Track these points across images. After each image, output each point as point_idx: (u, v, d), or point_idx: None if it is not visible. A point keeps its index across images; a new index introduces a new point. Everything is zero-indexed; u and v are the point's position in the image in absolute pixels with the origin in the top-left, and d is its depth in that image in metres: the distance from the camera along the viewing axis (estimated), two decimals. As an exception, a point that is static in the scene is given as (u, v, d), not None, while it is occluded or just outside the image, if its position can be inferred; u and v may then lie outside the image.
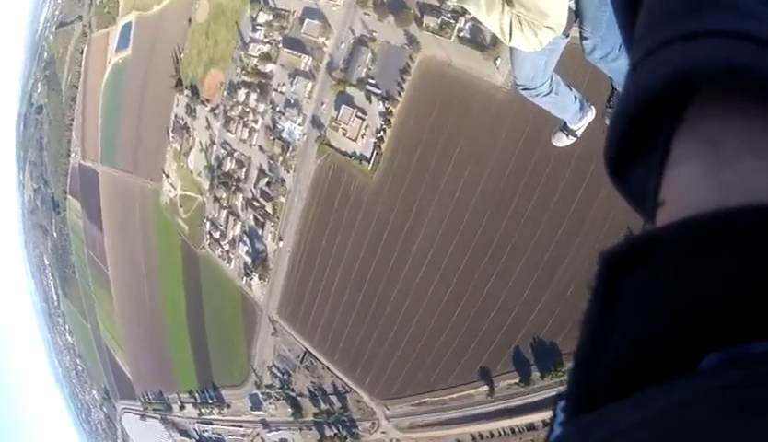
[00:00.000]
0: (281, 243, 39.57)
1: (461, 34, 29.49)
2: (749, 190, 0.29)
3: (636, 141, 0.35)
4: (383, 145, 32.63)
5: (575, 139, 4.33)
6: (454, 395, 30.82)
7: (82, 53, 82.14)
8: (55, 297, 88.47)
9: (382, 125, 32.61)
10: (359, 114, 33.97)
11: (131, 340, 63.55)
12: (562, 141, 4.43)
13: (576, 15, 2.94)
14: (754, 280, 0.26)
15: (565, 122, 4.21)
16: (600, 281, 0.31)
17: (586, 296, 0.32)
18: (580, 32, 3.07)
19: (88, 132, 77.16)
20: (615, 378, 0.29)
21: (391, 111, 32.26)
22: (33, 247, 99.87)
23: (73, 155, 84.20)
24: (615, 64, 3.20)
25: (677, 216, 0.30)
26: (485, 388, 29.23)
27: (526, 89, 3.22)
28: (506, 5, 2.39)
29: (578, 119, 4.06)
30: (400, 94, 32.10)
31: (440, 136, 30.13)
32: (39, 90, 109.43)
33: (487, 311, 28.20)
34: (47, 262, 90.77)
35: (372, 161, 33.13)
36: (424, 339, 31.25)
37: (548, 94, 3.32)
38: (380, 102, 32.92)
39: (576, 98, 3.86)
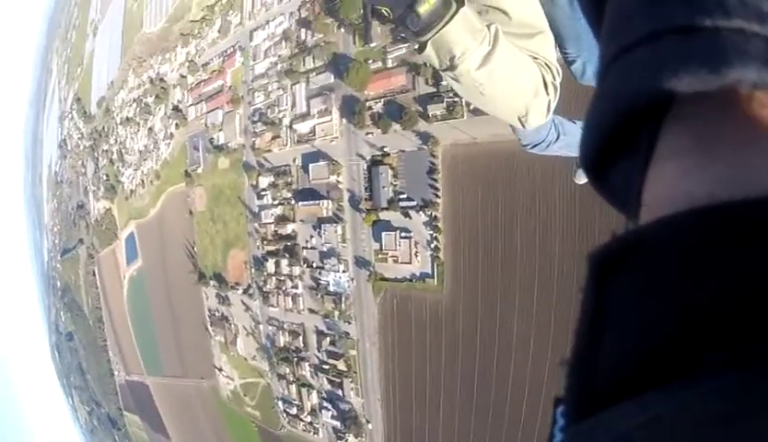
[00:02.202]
0: (369, 396, 36.30)
1: (472, 107, 27.54)
2: (739, 183, 0.28)
3: (617, 140, 0.34)
4: (441, 254, 30.01)
5: None
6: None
7: (95, 275, 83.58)
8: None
9: (432, 234, 30.16)
10: (403, 235, 31.56)
11: None
12: (583, 178, 4.21)
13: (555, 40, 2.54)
14: (751, 278, 0.25)
15: None
16: (591, 282, 0.31)
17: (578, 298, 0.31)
18: (564, 58, 2.87)
19: (125, 347, 76.19)
20: (614, 381, 0.28)
21: (435, 217, 29.90)
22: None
23: (116, 373, 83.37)
24: None
25: (664, 212, 0.29)
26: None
27: (535, 146, 3.00)
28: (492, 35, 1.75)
29: None
30: (437, 196, 29.73)
31: (496, 217, 27.50)
32: (63, 319, 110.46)
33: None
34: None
35: (435, 274, 30.49)
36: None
37: (557, 139, 3.03)
38: (420, 213, 30.63)
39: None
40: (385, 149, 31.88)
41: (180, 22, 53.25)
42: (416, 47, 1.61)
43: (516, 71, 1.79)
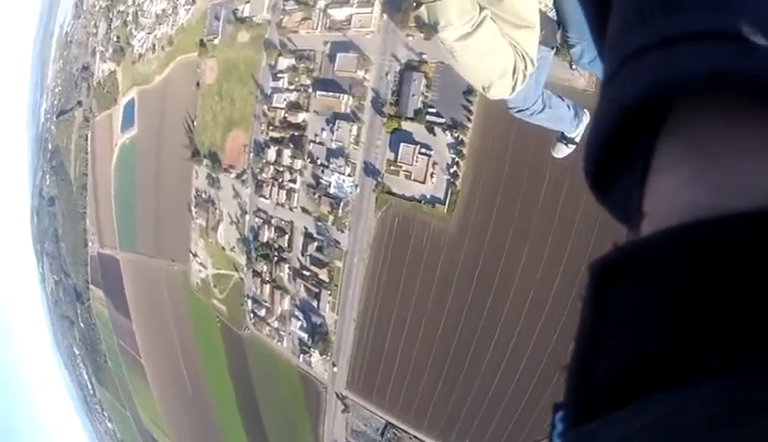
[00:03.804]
0: (344, 313, 35.09)
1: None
2: (737, 192, 0.28)
3: (618, 151, 0.34)
4: (458, 181, 28.22)
5: (574, 147, 4.35)
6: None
7: (87, 140, 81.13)
8: (90, 386, 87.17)
9: (453, 159, 28.29)
10: (423, 151, 29.59)
11: (178, 429, 59.70)
12: (562, 151, 4.44)
13: (559, 24, 2.93)
14: (748, 287, 0.26)
15: (563, 133, 4.26)
16: (591, 291, 0.31)
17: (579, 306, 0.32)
18: (566, 40, 3.04)
19: (103, 219, 75.16)
20: (613, 386, 0.28)
21: (462, 140, 27.91)
22: (62, 337, 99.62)
23: (90, 244, 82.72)
24: None
25: (664, 224, 0.30)
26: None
27: (520, 111, 3.14)
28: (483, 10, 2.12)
29: (575, 126, 4.06)
30: (468, 119, 27.65)
31: (525, 160, 25.58)
32: (48, 182, 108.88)
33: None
34: (77, 352, 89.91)
35: (447, 201, 28.70)
36: (527, 397, 27.10)
37: (542, 110, 3.29)
38: (446, 132, 28.58)
39: (568, 106, 3.88)
40: (423, 56, 29.57)
41: None
42: (414, 3, 1.79)
43: (489, 52, 2.04)
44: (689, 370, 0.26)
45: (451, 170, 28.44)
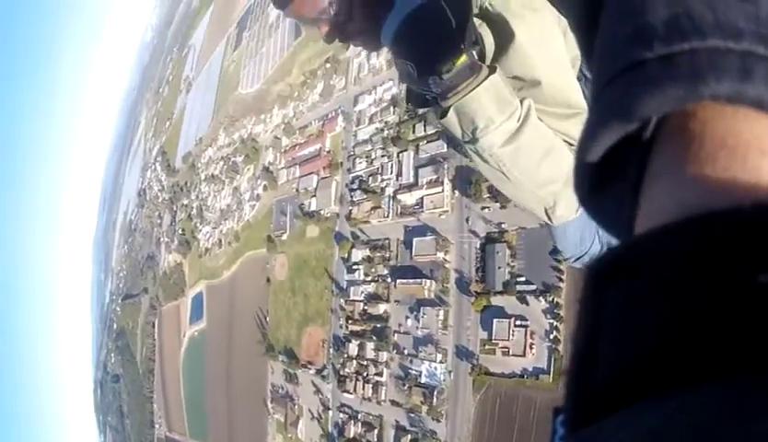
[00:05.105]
0: None
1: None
2: (731, 192, 0.28)
3: (609, 169, 0.35)
4: (560, 346, 26.34)
5: None
6: None
7: (154, 326, 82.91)
8: None
9: (552, 324, 26.61)
10: (518, 323, 27.99)
11: None
12: None
13: None
14: (744, 285, 0.25)
15: None
16: (587, 293, 0.31)
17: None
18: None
19: (171, 404, 74.36)
20: (612, 389, 0.28)
21: (557, 303, 26.37)
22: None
23: (157, 426, 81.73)
24: None
25: (658, 224, 0.29)
26: None
27: (577, 260, 2.45)
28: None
29: None
30: (560, 279, 26.24)
31: None
32: (113, 360, 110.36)
33: None
34: None
35: (552, 369, 26.92)
36: None
37: (601, 247, 2.52)
38: (540, 298, 27.18)
39: None
40: (503, 225, 28.74)
41: (278, 84, 53.02)
42: (438, 112, 1.46)
43: (546, 154, 1.63)
44: (687, 372, 0.26)
45: (551, 336, 26.78)
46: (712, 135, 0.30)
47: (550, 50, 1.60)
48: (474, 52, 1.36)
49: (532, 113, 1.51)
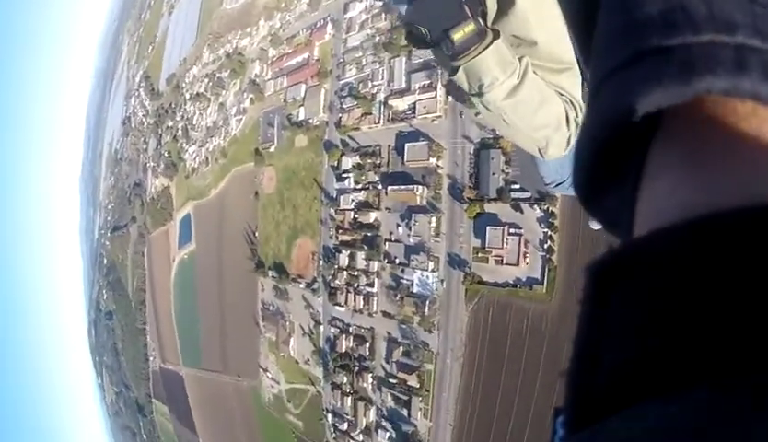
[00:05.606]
0: (439, 418, 32.35)
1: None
2: (730, 192, 0.28)
3: (608, 167, 0.34)
4: (554, 256, 26.14)
5: None
6: None
7: (143, 255, 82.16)
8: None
9: (546, 233, 26.33)
10: (512, 231, 27.66)
11: None
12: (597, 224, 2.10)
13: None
14: (746, 285, 0.25)
15: None
16: (588, 293, 0.31)
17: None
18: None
19: (164, 334, 74.66)
20: (613, 390, 0.28)
21: (552, 212, 26.01)
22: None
23: (151, 358, 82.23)
24: None
25: (658, 224, 0.29)
26: None
27: (558, 185, 2.88)
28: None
29: None
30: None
31: None
32: (105, 297, 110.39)
33: None
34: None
35: (546, 280, 26.66)
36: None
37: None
38: (534, 206, 26.76)
39: None
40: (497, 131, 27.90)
41: (264, -4, 50.67)
42: (449, 70, 1.70)
43: (540, 104, 1.89)
44: (689, 373, 0.26)
45: (545, 246, 26.50)
46: (711, 133, 0.30)
47: (546, 13, 1.77)
48: (480, 20, 1.56)
49: (530, 70, 1.74)
